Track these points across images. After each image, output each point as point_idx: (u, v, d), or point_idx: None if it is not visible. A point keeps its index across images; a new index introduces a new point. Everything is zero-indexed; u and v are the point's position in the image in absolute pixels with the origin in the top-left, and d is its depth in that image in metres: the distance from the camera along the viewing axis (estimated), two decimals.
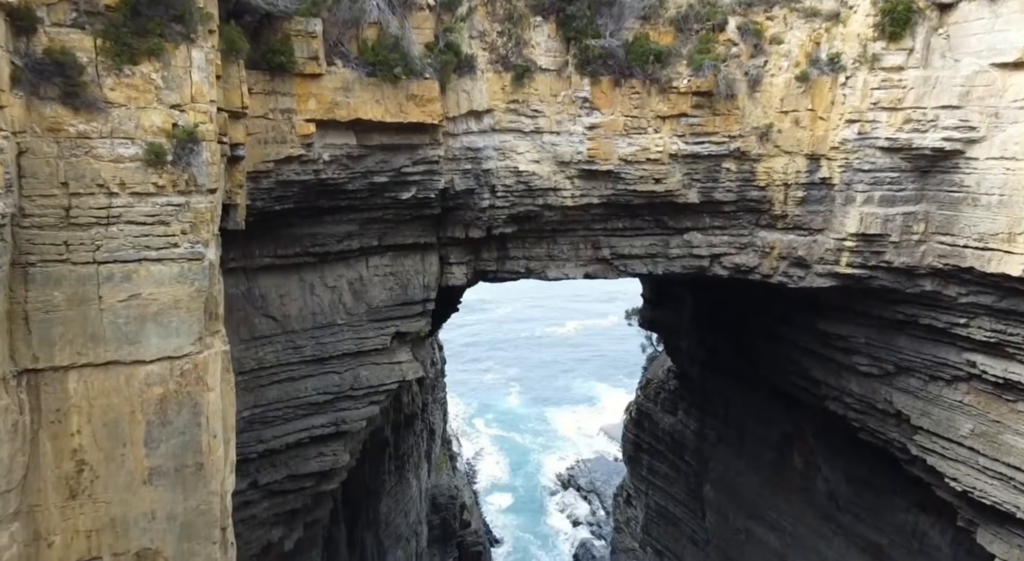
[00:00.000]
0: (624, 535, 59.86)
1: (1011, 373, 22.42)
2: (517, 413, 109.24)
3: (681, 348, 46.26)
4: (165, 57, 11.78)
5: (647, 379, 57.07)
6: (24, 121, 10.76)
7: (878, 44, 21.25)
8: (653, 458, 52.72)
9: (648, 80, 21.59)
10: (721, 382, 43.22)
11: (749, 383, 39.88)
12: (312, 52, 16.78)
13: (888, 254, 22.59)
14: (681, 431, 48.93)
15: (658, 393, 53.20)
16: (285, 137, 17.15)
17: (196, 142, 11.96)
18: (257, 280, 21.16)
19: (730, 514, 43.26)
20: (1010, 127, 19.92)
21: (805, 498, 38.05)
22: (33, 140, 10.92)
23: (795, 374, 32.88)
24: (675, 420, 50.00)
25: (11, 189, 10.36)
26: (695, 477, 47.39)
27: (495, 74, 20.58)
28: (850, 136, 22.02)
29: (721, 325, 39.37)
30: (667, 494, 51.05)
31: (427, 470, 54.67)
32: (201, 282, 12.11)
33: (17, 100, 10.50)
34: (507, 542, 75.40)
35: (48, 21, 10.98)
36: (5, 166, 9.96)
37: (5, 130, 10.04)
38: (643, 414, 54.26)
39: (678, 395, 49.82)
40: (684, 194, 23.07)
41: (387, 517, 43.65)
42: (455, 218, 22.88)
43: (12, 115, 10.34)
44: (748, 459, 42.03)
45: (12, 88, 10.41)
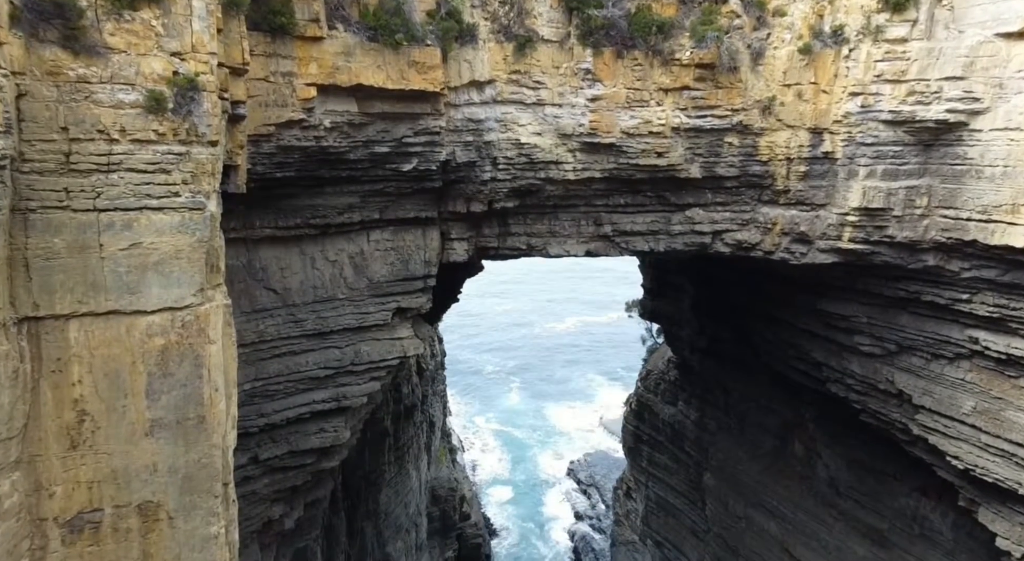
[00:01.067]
0: (624, 528, 59.76)
1: (1014, 348, 22.35)
2: (517, 408, 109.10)
3: (681, 337, 46.20)
4: (165, 4, 11.70)
5: (647, 370, 57.02)
6: (23, 63, 10.68)
7: (882, 16, 21.16)
8: (653, 449, 52.65)
9: (651, 52, 21.50)
10: (722, 371, 43.17)
11: (750, 371, 39.84)
12: (313, 14, 16.70)
13: (891, 229, 22.51)
14: (681, 421, 48.86)
15: (658, 384, 53.14)
16: (286, 101, 17.06)
17: (197, 91, 11.88)
18: (258, 252, 21.07)
19: (730, 502, 43.16)
20: (1014, 97, 19.85)
21: (805, 485, 37.96)
22: (32, 83, 10.84)
23: (796, 358, 32.80)
24: (675, 410, 49.93)
25: (11, 130, 10.27)
26: (695, 467, 47.32)
27: (497, 44, 20.50)
28: (853, 109, 21.93)
29: (722, 313, 39.30)
30: (667, 485, 50.99)
31: (427, 462, 54.60)
32: (202, 232, 12.02)
33: (16, 40, 10.42)
34: (506, 535, 75.26)
35: None
36: (4, 104, 9.85)
37: (4, 69, 9.95)
38: (643, 405, 54.20)
39: (678, 385, 49.76)
40: (686, 169, 22.98)
41: (387, 508, 43.55)
42: (456, 191, 22.78)
43: (11, 54, 10.26)
44: (748, 447, 41.96)
45: (11, 27, 10.32)
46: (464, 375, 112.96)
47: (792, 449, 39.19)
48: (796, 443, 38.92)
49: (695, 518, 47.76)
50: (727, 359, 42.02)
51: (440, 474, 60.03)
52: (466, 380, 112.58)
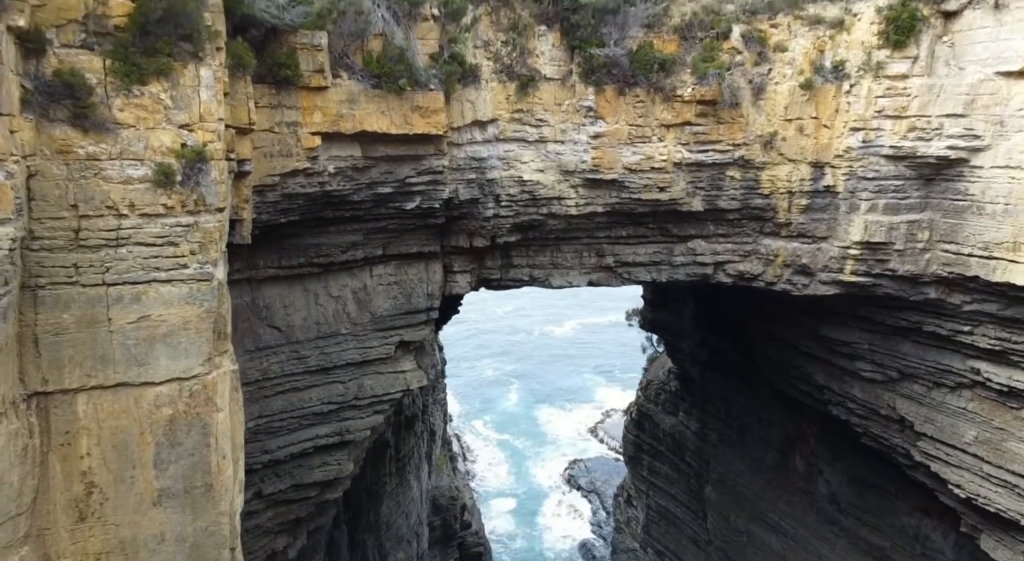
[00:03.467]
0: (625, 535, 59.89)
1: (1015, 381, 22.44)
2: (517, 412, 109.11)
3: (682, 349, 46.26)
4: (173, 76, 11.73)
5: (647, 380, 57.07)
6: (34, 144, 10.70)
7: (882, 52, 21.22)
8: (654, 459, 52.74)
9: (652, 88, 21.55)
10: (722, 383, 43.22)
11: (750, 384, 39.90)
12: (318, 65, 16.72)
13: (892, 262, 22.59)
14: (682, 432, 48.96)
15: (659, 394, 53.22)
16: (291, 150, 17.10)
17: (205, 162, 11.92)
18: (261, 291, 21.12)
19: (731, 515, 43.29)
20: (1015, 136, 19.89)
21: (807, 500, 38.06)
22: (43, 162, 10.88)
23: (797, 378, 32.88)
24: (676, 421, 50.02)
25: (21, 213, 10.30)
26: (696, 478, 47.42)
27: (499, 84, 20.55)
28: (854, 144, 22.00)
29: (722, 327, 39.34)
30: (668, 495, 51.10)
31: (428, 471, 54.65)
32: (210, 303, 12.07)
33: (27, 123, 10.44)
34: (508, 542, 75.35)
35: (57, 42, 10.92)
36: (16, 191, 9.88)
37: (16, 155, 9.96)
38: (644, 415, 54.28)
39: (679, 396, 49.83)
40: (688, 202, 23.04)
41: (388, 519, 43.64)
42: (459, 227, 22.84)
43: (22, 139, 10.27)
44: (750, 460, 42.04)
45: (22, 111, 10.34)
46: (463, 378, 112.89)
47: (793, 464, 39.27)
48: (797, 458, 38.99)
49: (696, 528, 47.87)
50: (728, 372, 42.08)
51: (441, 483, 60.09)
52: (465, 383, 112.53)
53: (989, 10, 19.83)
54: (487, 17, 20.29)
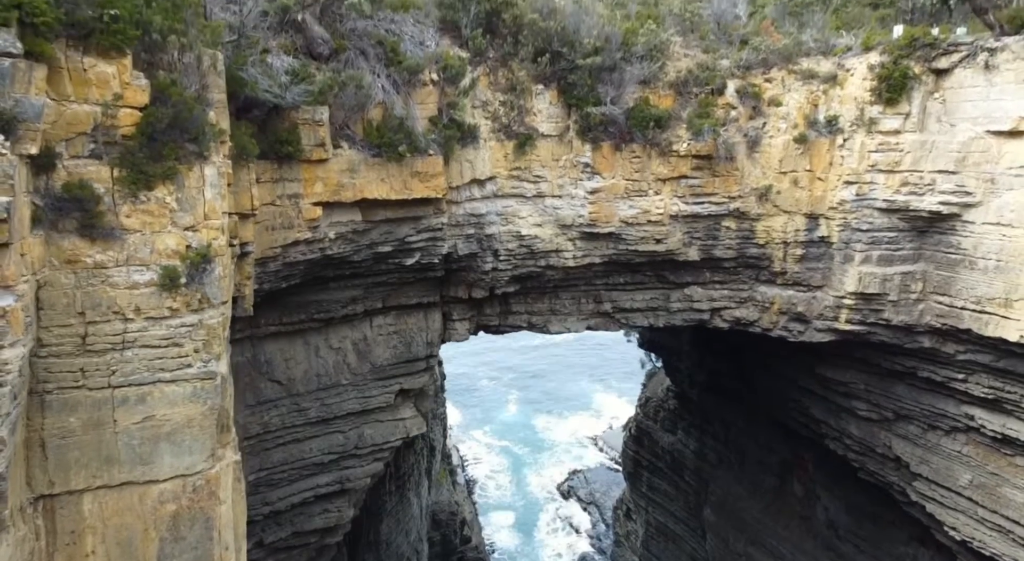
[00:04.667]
0: (624, 549, 60.09)
1: (1009, 429, 22.66)
2: (515, 420, 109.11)
3: (681, 369, 46.50)
4: (179, 179, 11.95)
5: (646, 397, 57.23)
6: (43, 257, 10.92)
7: (875, 108, 21.49)
8: (653, 475, 52.89)
9: (648, 144, 21.81)
10: (721, 404, 43.39)
11: (748, 408, 40.06)
12: (319, 139, 16.96)
13: (887, 312, 22.85)
14: (681, 451, 49.13)
15: (657, 411, 53.39)
16: (292, 222, 17.34)
17: (209, 261, 12.14)
18: (263, 346, 21.36)
19: (730, 538, 43.46)
20: (1006, 193, 20.14)
21: (805, 526, 38.25)
22: (51, 273, 11.09)
23: (795, 410, 33.10)
24: (675, 439, 50.18)
25: (30, 329, 10.53)
26: (695, 496, 47.60)
27: (498, 142, 20.81)
28: (848, 197, 22.26)
29: (721, 350, 39.49)
30: (667, 511, 51.28)
31: (427, 487, 54.81)
32: (214, 400, 12.30)
33: (37, 240, 10.66)
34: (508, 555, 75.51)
35: (66, 155, 11.12)
36: (26, 311, 10.11)
37: (26, 275, 10.18)
38: (643, 431, 54.44)
39: (677, 414, 50.01)
40: (684, 252, 23.31)
41: (388, 537, 43.79)
42: (458, 279, 23.11)
43: (32, 256, 10.48)
44: (749, 483, 42.23)
45: (32, 229, 10.55)
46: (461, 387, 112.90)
47: (792, 488, 39.46)
48: (796, 483, 39.19)
49: (695, 545, 48.04)
50: (726, 394, 42.24)
51: (440, 497, 60.22)
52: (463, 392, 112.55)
53: (980, 70, 20.09)
54: (485, 77, 20.55)
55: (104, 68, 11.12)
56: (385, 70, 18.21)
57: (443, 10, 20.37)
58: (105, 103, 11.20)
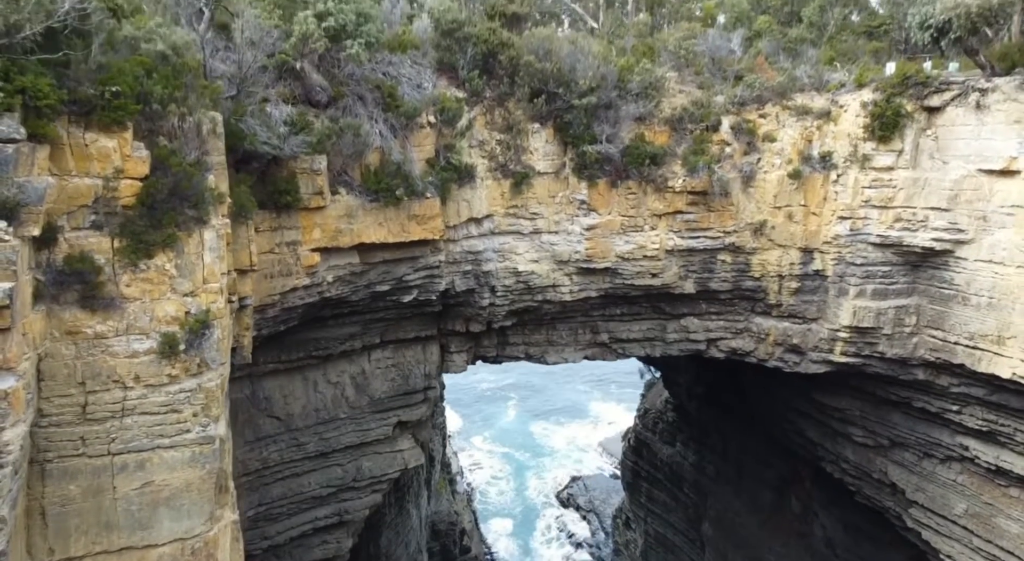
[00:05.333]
0: (624, 558, 60.22)
1: (1003, 461, 22.81)
2: (513, 427, 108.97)
3: (679, 382, 46.60)
4: (179, 245, 12.09)
5: (645, 408, 57.31)
6: (44, 330, 11.06)
7: (868, 144, 21.65)
8: (652, 486, 53.01)
9: (644, 180, 21.97)
10: (719, 418, 43.42)
11: (746, 423, 40.08)
12: (317, 188, 17.12)
13: (881, 345, 23.00)
14: (680, 463, 49.23)
15: (656, 423, 53.47)
16: (291, 269, 17.48)
17: (208, 327, 12.29)
18: (261, 383, 21.50)
19: (729, 553, 43.56)
20: (998, 231, 20.28)
21: (803, 543, 38.35)
22: (52, 345, 11.24)
23: (791, 431, 33.22)
24: (673, 451, 50.28)
25: (31, 403, 10.68)
26: (694, 508, 47.69)
27: (494, 181, 20.97)
28: (842, 232, 22.43)
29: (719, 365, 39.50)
30: (666, 522, 51.38)
31: (427, 497, 54.86)
32: (212, 464, 12.44)
33: (38, 315, 10.80)
34: None
35: (68, 227, 11.26)
36: (27, 390, 10.26)
37: (28, 353, 10.32)
38: (642, 443, 54.56)
39: (676, 427, 50.08)
40: (680, 285, 23.47)
41: (387, 550, 43.78)
42: (456, 313, 23.27)
43: (33, 333, 10.62)
44: (747, 499, 42.33)
45: (34, 305, 10.70)
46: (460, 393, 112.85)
47: (789, 505, 39.56)
48: (794, 499, 39.29)
49: (694, 557, 48.10)
50: (724, 409, 42.30)
51: (440, 507, 60.24)
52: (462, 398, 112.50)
53: (971, 109, 20.25)
54: (482, 117, 20.71)
55: (105, 142, 11.28)
56: (383, 115, 18.36)
57: (440, 51, 20.52)
58: (106, 176, 11.35)
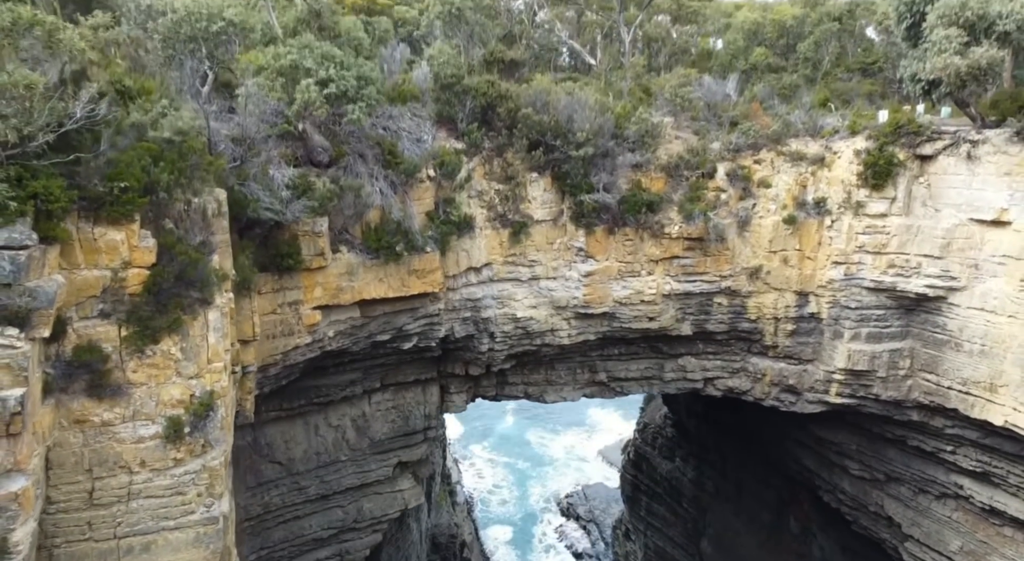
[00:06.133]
0: None
1: (997, 501, 23.05)
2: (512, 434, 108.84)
3: (678, 400, 46.60)
4: (184, 329, 12.37)
5: (644, 422, 57.45)
6: (53, 421, 11.32)
7: (862, 191, 21.92)
8: (652, 500, 53.22)
9: (641, 227, 22.23)
10: (718, 436, 43.60)
11: (745, 441, 40.25)
12: (318, 249, 17.37)
13: (876, 388, 23.28)
14: (679, 478, 49.44)
15: (656, 438, 53.64)
16: (292, 329, 17.73)
17: (213, 408, 12.57)
18: (263, 430, 21.72)
19: None
20: (990, 280, 20.55)
21: None
22: (60, 434, 11.50)
23: (789, 458, 33.46)
24: (673, 467, 50.48)
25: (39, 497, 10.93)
26: (693, 523, 47.90)
27: (493, 231, 21.22)
28: (837, 276, 22.69)
29: None
30: (665, 536, 51.57)
31: (427, 510, 55.01)
32: (216, 544, 12.70)
33: (47, 408, 11.05)
34: None
35: (76, 318, 11.52)
36: (36, 486, 10.52)
37: (37, 449, 10.59)
38: (641, 457, 54.76)
39: (675, 442, 50.27)
40: (677, 328, 23.74)
41: None
42: (455, 357, 23.54)
43: (43, 427, 10.87)
44: (746, 518, 42.52)
45: (44, 399, 10.96)
46: None
47: (788, 525, 39.70)
48: (792, 520, 39.43)
49: None
50: (723, 426, 42.43)
51: (440, 520, 60.34)
52: None
53: (963, 159, 20.51)
54: (481, 167, 20.97)
55: (114, 235, 11.55)
56: (383, 171, 18.62)
57: (440, 105, 20.77)
58: (114, 268, 11.61)
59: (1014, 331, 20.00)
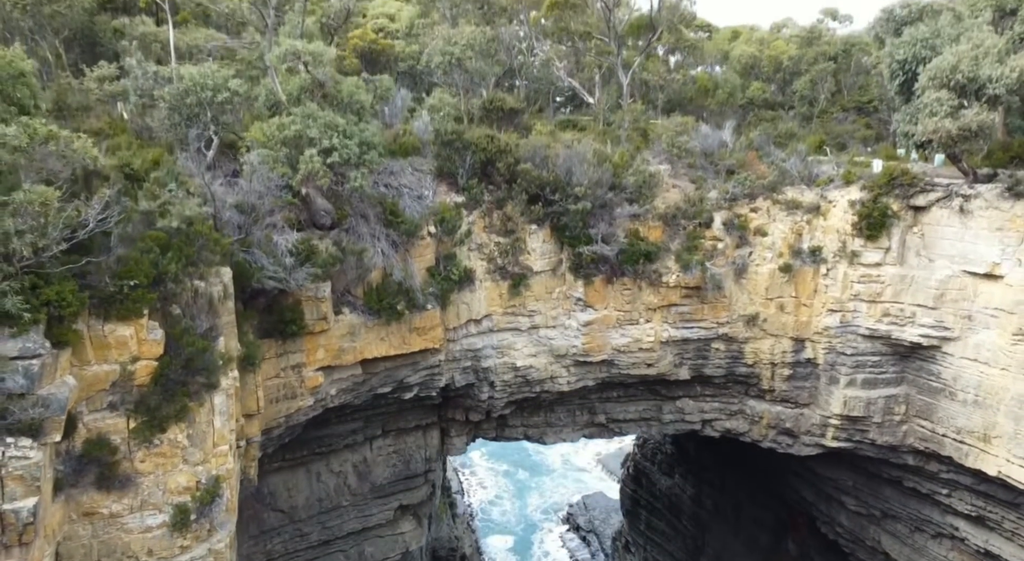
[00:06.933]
0: None
1: (992, 545, 23.25)
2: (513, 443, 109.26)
3: None
4: (190, 416, 12.64)
5: (643, 438, 57.69)
6: (63, 516, 11.58)
7: (856, 241, 22.16)
8: (651, 514, 53.40)
9: (639, 276, 22.46)
10: (716, 455, 43.66)
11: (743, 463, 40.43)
12: (321, 314, 17.61)
13: (872, 433, 23.53)
14: (678, 495, 49.63)
15: (655, 454, 53.74)
16: (295, 392, 17.97)
17: (218, 494, 12.84)
18: (266, 480, 21.91)
19: None
20: (983, 331, 20.79)
21: None
22: (70, 527, 11.74)
23: (787, 488, 33.71)
24: (672, 483, 50.67)
25: None
26: (692, 540, 48.10)
27: (493, 283, 21.46)
28: (833, 323, 22.93)
29: None
30: (665, 551, 51.73)
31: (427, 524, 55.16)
32: None
33: (58, 505, 11.31)
34: None
35: (86, 412, 11.79)
36: None
37: (48, 548, 10.85)
38: (640, 471, 54.92)
39: (675, 459, 50.37)
40: (675, 373, 24.00)
41: None
42: (456, 404, 23.82)
43: (53, 524, 11.10)
44: (744, 538, 42.70)
45: (54, 497, 11.21)
46: None
47: (787, 548, 39.89)
48: (791, 543, 39.59)
49: None
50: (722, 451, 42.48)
51: (440, 533, 60.22)
52: None
53: (955, 213, 20.76)
54: (481, 221, 21.21)
55: (123, 331, 11.81)
56: (385, 231, 18.85)
57: (440, 160, 21.01)
58: (123, 362, 11.87)
59: (1006, 383, 20.26)
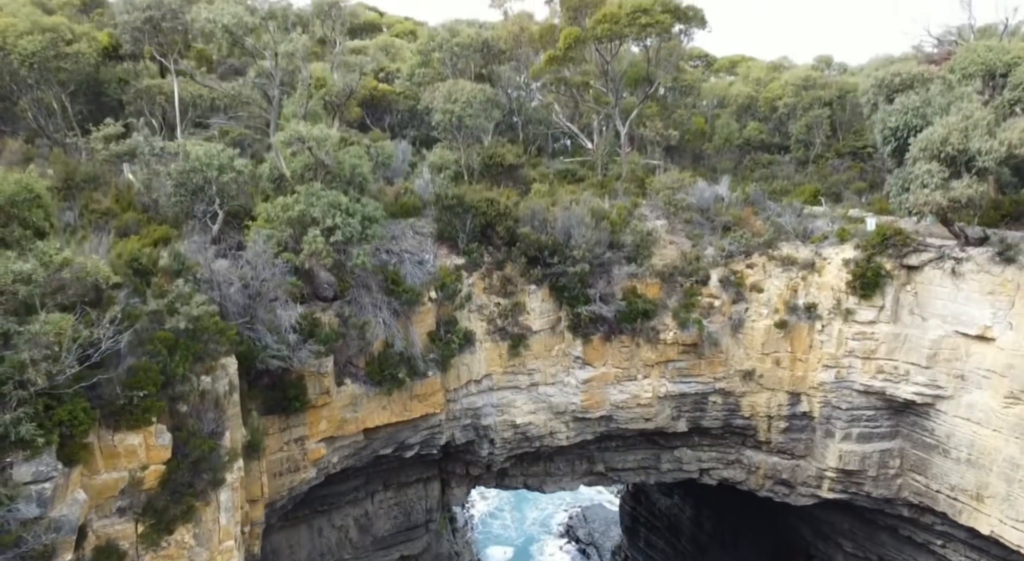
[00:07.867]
0: None
1: None
2: None
3: None
4: (197, 516, 12.96)
5: None
6: None
7: (851, 299, 22.48)
8: (651, 533, 53.63)
9: (636, 334, 22.80)
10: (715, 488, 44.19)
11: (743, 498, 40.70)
12: (324, 388, 17.94)
13: (867, 486, 23.85)
14: (678, 515, 49.88)
15: None
16: (298, 465, 18.29)
17: None
18: (269, 538, 22.07)
19: None
20: (975, 391, 21.09)
21: None
22: None
23: (786, 525, 33.99)
24: (671, 503, 50.90)
25: None
26: (691, 559, 48.52)
27: (493, 343, 21.80)
28: (828, 378, 23.25)
29: None
30: None
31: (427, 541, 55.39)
32: None
33: None
34: None
35: (96, 518, 12.08)
36: None
37: None
38: (640, 490, 55.11)
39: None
40: (673, 426, 24.32)
41: None
42: (456, 459, 24.15)
43: None
44: None
45: None
46: None
47: None
48: None
49: None
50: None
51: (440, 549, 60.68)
52: None
53: (948, 274, 21.06)
54: (481, 282, 21.54)
55: (132, 440, 12.10)
56: (386, 299, 19.19)
57: (441, 224, 21.35)
58: (132, 469, 12.21)
59: (999, 445, 20.57)
